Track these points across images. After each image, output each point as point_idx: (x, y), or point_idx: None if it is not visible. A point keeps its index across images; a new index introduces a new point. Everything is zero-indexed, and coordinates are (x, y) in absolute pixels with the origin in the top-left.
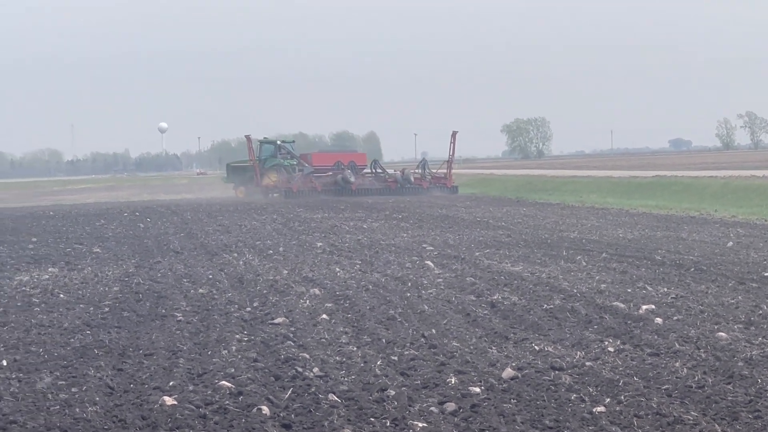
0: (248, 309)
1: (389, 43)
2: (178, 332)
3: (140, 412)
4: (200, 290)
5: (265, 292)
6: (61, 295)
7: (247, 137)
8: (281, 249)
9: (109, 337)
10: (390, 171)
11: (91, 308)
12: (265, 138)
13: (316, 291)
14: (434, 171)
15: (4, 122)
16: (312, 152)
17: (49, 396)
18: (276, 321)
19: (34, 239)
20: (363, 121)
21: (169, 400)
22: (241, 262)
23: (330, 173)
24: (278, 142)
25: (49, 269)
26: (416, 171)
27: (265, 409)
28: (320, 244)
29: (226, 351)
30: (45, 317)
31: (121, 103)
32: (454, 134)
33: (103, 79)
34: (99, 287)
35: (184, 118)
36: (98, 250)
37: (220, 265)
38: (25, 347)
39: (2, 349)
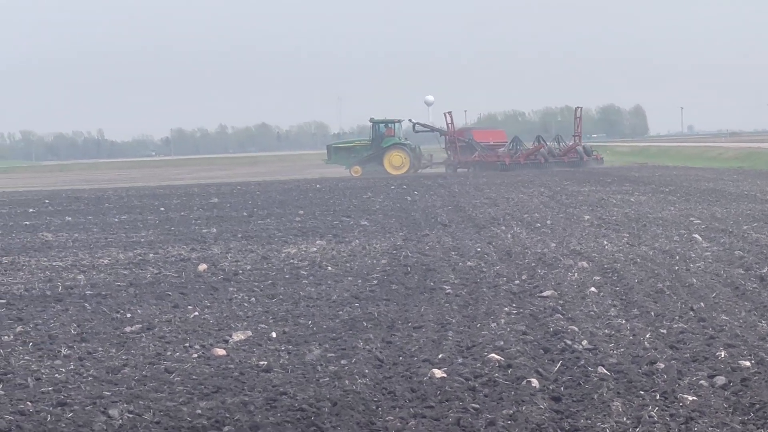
0: (516, 282)
1: (653, 22)
2: (447, 305)
3: (409, 385)
4: (468, 263)
5: (533, 264)
6: (329, 268)
7: (449, 113)
8: (549, 222)
9: (378, 310)
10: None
11: (360, 281)
12: (372, 118)
13: (584, 264)
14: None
15: (272, 96)
16: (466, 129)
17: (319, 368)
18: (544, 294)
19: (301, 212)
20: (629, 94)
21: (438, 373)
22: (508, 235)
23: (531, 147)
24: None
25: (317, 242)
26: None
27: (535, 382)
28: (587, 217)
29: (495, 324)
30: (313, 290)
31: (389, 75)
32: (577, 110)
33: (370, 51)
34: (367, 260)
35: (450, 90)
36: (366, 222)
37: (488, 237)
38: (294, 319)
39: (272, 321)
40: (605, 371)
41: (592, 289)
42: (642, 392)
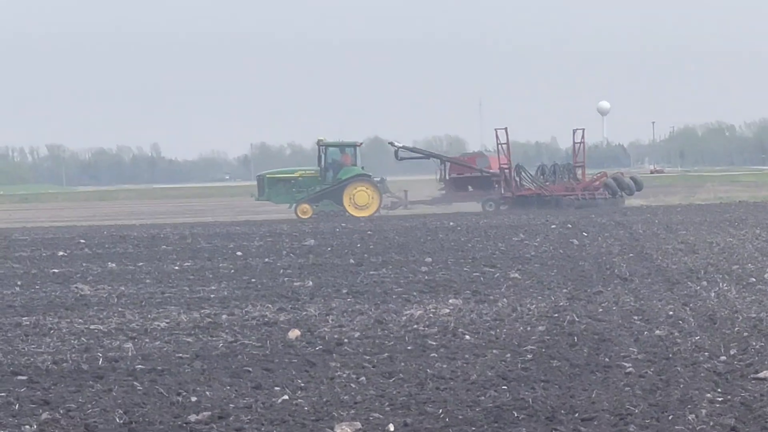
0: (723, 358)
1: None
2: (628, 389)
3: None
4: (657, 331)
5: (745, 334)
6: (467, 337)
7: (503, 129)
8: (767, 276)
9: (533, 395)
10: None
11: (508, 354)
12: (320, 140)
13: None
14: None
15: (387, 105)
16: (480, 156)
17: None
18: (760, 375)
19: (428, 259)
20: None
21: None
22: (712, 294)
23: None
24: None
25: (450, 300)
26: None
27: None
28: None
29: (693, 415)
30: (445, 366)
31: (544, 76)
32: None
33: (515, 49)
34: (518, 326)
35: (632, 98)
36: (516, 275)
37: (684, 297)
38: (419, 407)
39: (389, 408)
40: None
41: None
42: None
